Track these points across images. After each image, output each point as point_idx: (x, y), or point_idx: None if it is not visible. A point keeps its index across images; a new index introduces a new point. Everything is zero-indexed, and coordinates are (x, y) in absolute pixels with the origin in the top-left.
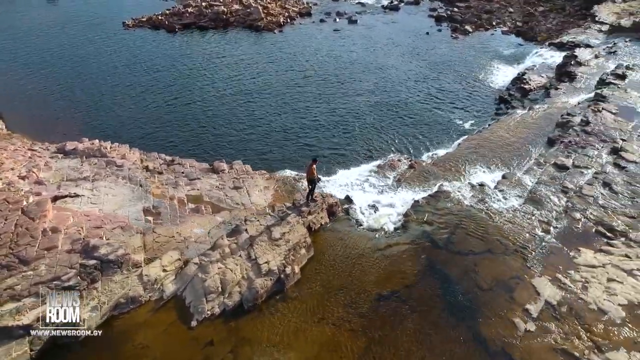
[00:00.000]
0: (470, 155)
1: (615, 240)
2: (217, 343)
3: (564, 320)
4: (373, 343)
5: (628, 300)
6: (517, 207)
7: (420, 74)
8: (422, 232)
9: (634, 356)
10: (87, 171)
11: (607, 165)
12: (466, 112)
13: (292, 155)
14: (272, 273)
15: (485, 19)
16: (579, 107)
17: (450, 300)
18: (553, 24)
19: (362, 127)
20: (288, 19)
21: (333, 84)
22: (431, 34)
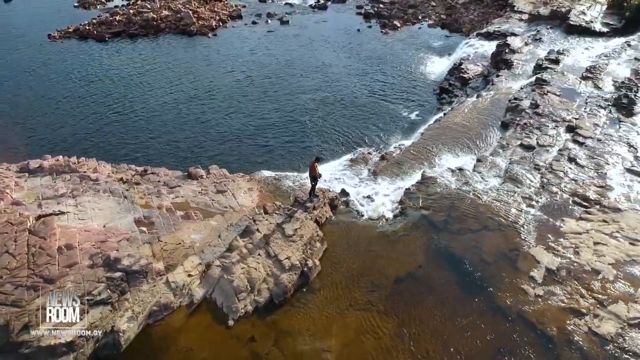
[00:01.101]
0: (436, 143)
1: (591, 209)
2: (258, 338)
3: (565, 282)
4: (402, 322)
5: (615, 259)
6: (498, 187)
7: (359, 70)
8: (420, 216)
9: (631, 307)
10: (63, 188)
11: (568, 142)
12: (410, 103)
13: (253, 156)
14: (295, 267)
15: (411, 13)
16: (524, 92)
17: (461, 275)
18: (475, 15)
19: (314, 123)
20: (220, 22)
21: (276, 84)
22: (362, 30)
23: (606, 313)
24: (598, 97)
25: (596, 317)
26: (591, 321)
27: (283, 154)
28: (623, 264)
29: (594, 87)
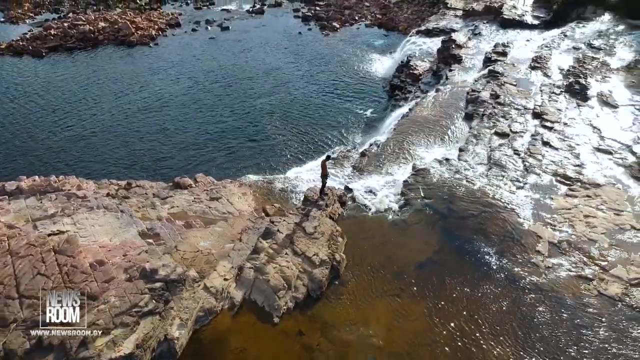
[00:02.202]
0: (410, 137)
1: (573, 186)
2: (306, 331)
3: (568, 253)
4: (431, 304)
5: (606, 229)
6: (487, 173)
7: (307, 71)
8: (424, 205)
9: (630, 269)
10: (52, 208)
11: (538, 127)
12: (363, 101)
13: (220, 161)
14: (325, 262)
15: (347, 14)
16: (480, 84)
17: (475, 256)
18: (409, 14)
19: (275, 126)
20: (159, 31)
21: (228, 89)
22: (303, 33)
23: (609, 277)
24: (550, 84)
25: (602, 281)
26: (598, 285)
27: (250, 157)
28: (613, 232)
29: (544, 75)
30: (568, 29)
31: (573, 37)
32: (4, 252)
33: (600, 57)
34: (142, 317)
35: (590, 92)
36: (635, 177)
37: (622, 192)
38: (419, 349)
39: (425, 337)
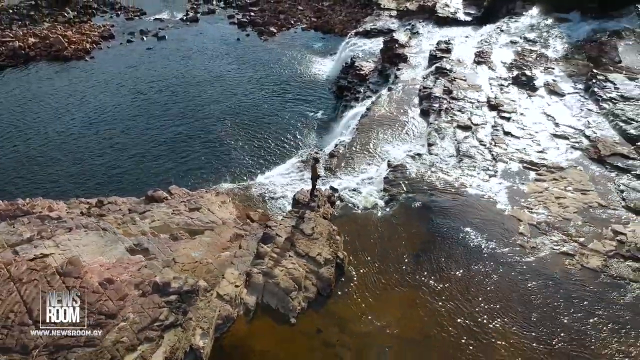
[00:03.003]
0: (373, 135)
1: (540, 171)
2: (324, 329)
3: (548, 233)
4: (434, 289)
5: (577, 208)
6: (459, 164)
7: (252, 77)
8: (408, 199)
9: (604, 243)
10: (27, 232)
11: (496, 119)
12: (312, 103)
13: (185, 171)
14: (330, 261)
15: (283, 19)
16: (430, 81)
17: (466, 242)
18: (343, 16)
19: (229, 133)
20: (93, 44)
21: (174, 99)
22: (242, 39)
23: (589, 251)
24: (498, 78)
25: (583, 255)
26: (580, 259)
27: (211, 166)
28: (584, 210)
29: (490, 69)
30: (502, 24)
31: (509, 32)
32: (5, 279)
33: (537, 49)
34: (165, 330)
35: (537, 83)
36: (592, 159)
37: (584, 173)
38: (431, 332)
39: (434, 321)
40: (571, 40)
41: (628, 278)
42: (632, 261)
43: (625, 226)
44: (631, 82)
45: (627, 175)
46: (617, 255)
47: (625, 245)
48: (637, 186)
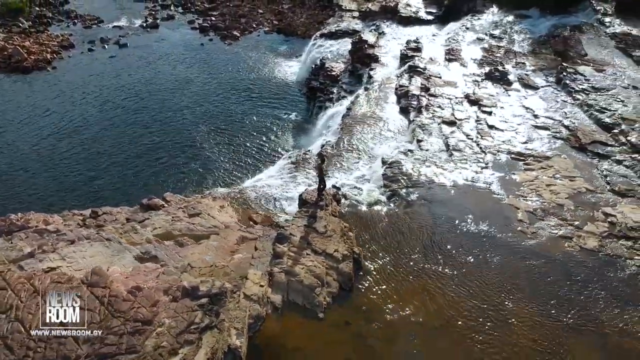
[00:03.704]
0: (358, 134)
1: (527, 161)
2: (352, 321)
3: (545, 219)
4: (447, 276)
5: (567, 194)
6: (451, 158)
7: (221, 81)
8: (409, 193)
9: (598, 225)
10: (27, 247)
11: (478, 113)
12: (285, 105)
13: (165, 178)
14: (347, 257)
15: (244, 22)
16: (405, 79)
17: (470, 231)
18: (304, 18)
19: (209, 138)
20: (54, 54)
21: (146, 107)
22: (206, 44)
23: (584, 233)
24: (471, 74)
25: (580, 238)
26: (578, 241)
27: (193, 172)
28: (574, 196)
29: (462, 66)
30: (466, 22)
31: (474, 29)
32: (31, 294)
33: (503, 45)
34: (202, 332)
35: (511, 77)
36: (574, 147)
37: (568, 161)
38: (450, 317)
39: (451, 306)
40: (534, 36)
41: (623, 256)
42: (625, 240)
43: (614, 208)
44: (599, 74)
45: (607, 161)
46: (610, 236)
47: (616, 226)
48: (619, 170)
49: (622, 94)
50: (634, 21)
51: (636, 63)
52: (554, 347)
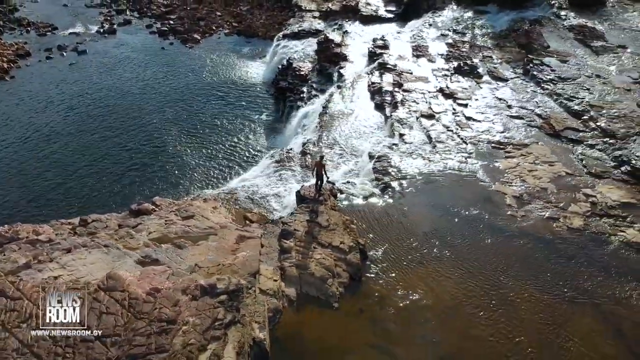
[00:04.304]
0: (338, 131)
1: (508, 148)
2: (366, 308)
3: (532, 202)
4: (450, 260)
5: (549, 178)
6: (436, 150)
7: (187, 85)
8: (401, 185)
9: (580, 205)
10: (21, 258)
11: (454, 106)
12: (255, 106)
13: (143, 184)
14: (353, 248)
15: (203, 25)
16: (376, 76)
17: (465, 217)
18: (264, 19)
19: (183, 141)
20: (10, 63)
21: (113, 113)
22: (167, 48)
23: (569, 213)
24: (440, 69)
25: (566, 218)
26: (565, 222)
27: (172, 176)
28: (555, 179)
29: (430, 61)
30: (428, 19)
31: (436, 26)
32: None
33: (467, 40)
34: (227, 327)
35: (480, 71)
36: (549, 134)
37: (545, 147)
38: (457, 299)
39: (457, 288)
40: (495, 30)
41: (607, 232)
42: (607, 218)
43: (593, 189)
44: (564, 64)
45: (581, 145)
46: (593, 215)
47: (597, 205)
48: (593, 154)
49: (587, 82)
50: (587, 14)
51: (595, 53)
52: (555, 318)
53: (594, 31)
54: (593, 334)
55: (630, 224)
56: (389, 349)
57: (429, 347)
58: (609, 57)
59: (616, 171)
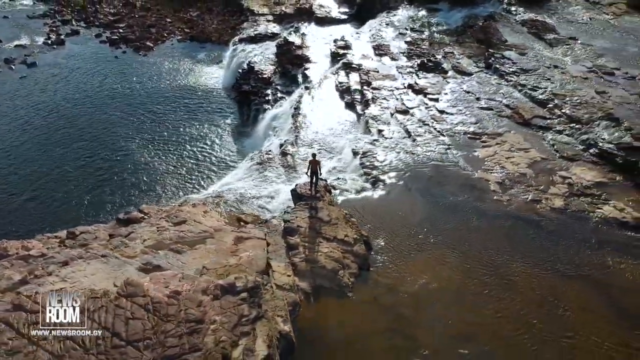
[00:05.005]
0: (313, 131)
1: (483, 138)
2: (379, 296)
3: (514, 187)
4: (447, 248)
5: (526, 164)
6: (415, 143)
7: (147, 93)
8: (390, 178)
9: (558, 187)
10: (16, 274)
11: (425, 101)
12: (218, 111)
13: (115, 194)
14: (358, 240)
15: (155, 32)
16: (342, 76)
17: (453, 204)
18: (216, 24)
19: (150, 150)
20: None
21: (74, 124)
22: (120, 56)
23: (550, 195)
24: (403, 66)
25: (547, 200)
26: (547, 203)
27: (146, 185)
28: (532, 164)
29: (393, 60)
30: (384, 19)
31: (393, 25)
32: None
33: (425, 37)
34: (254, 322)
35: (445, 66)
36: (519, 123)
37: (518, 135)
38: (461, 281)
39: (459, 271)
40: (451, 27)
41: (586, 210)
42: (584, 197)
43: (567, 172)
44: (523, 57)
45: (550, 132)
46: (571, 195)
47: (574, 186)
48: (562, 139)
49: (547, 73)
50: (535, 9)
51: (550, 45)
52: (552, 291)
53: (546, 25)
54: (588, 302)
55: (605, 201)
56: (407, 332)
57: (442, 327)
58: (562, 48)
59: (586, 154)
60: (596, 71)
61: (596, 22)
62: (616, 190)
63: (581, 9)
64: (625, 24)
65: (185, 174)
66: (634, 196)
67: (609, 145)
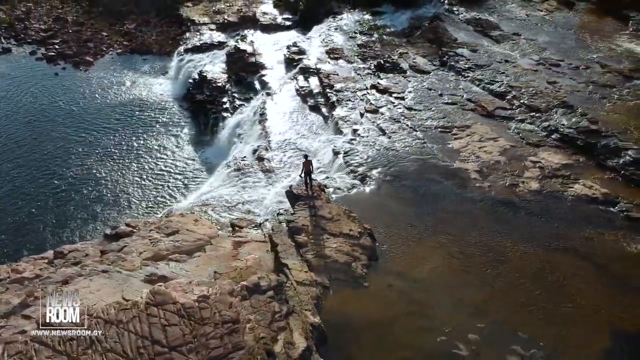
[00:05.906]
0: (284, 134)
1: (454, 131)
2: (393, 283)
3: (492, 173)
4: (444, 235)
5: (498, 152)
6: (391, 140)
7: (95, 109)
8: (377, 174)
9: (529, 170)
10: (14, 298)
11: (391, 99)
12: (173, 123)
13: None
14: (363, 233)
15: (92, 47)
16: (302, 81)
17: (440, 194)
18: (156, 35)
19: (108, 167)
20: None
21: (28, 146)
22: (59, 73)
23: (525, 179)
24: (361, 68)
25: (524, 183)
26: (525, 186)
27: (114, 202)
28: (504, 152)
29: (349, 62)
30: (331, 23)
31: (341, 29)
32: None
33: (375, 39)
34: (287, 317)
35: (403, 66)
36: (484, 115)
37: (485, 126)
38: (465, 263)
39: (461, 255)
40: (398, 29)
41: (560, 190)
42: (556, 178)
43: (536, 156)
44: (475, 54)
45: (513, 121)
46: (545, 177)
47: (545, 169)
48: (525, 127)
49: (500, 67)
50: (475, 8)
51: (496, 42)
52: (544, 265)
53: (490, 22)
54: (579, 271)
55: (575, 180)
56: (425, 313)
57: (456, 306)
58: (509, 44)
59: (549, 139)
60: (544, 63)
61: (533, 18)
62: (582, 170)
63: (517, 7)
64: (558, 19)
65: (151, 185)
66: (598, 174)
67: (569, 130)
